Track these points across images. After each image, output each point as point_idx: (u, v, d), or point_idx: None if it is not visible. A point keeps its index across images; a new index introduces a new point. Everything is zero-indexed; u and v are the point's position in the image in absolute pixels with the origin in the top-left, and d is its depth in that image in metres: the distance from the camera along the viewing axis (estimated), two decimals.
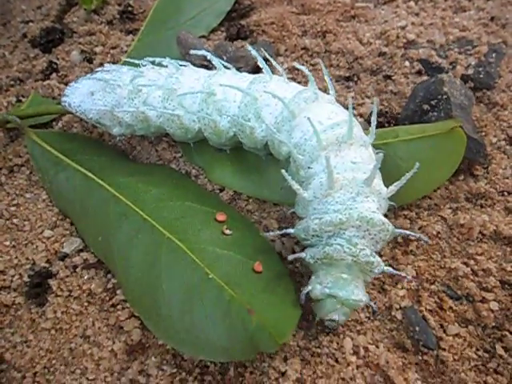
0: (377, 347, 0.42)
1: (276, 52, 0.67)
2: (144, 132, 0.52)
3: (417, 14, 0.71)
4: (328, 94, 0.46)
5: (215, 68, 0.51)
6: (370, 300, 0.39)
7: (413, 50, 0.64)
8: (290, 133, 0.43)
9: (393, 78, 0.62)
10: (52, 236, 0.51)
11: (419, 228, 0.49)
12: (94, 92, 0.52)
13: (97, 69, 0.55)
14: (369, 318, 0.44)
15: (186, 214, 0.47)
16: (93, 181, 0.51)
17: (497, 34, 0.66)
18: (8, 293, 0.47)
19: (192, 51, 0.51)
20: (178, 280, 0.41)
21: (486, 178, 0.52)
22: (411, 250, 0.48)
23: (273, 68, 0.60)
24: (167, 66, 0.52)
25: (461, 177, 0.52)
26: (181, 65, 0.52)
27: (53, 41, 0.72)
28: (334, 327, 0.40)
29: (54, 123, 0.62)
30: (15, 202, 0.55)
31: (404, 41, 0.65)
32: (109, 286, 0.47)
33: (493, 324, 0.43)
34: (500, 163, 0.53)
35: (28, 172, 0.58)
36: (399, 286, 0.45)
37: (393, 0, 0.73)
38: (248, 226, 0.49)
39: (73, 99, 0.53)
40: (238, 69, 0.58)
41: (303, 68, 0.47)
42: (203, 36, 0.69)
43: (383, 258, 0.47)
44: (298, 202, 0.42)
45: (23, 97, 0.66)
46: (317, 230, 0.38)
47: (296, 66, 0.48)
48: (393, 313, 0.44)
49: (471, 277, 0.45)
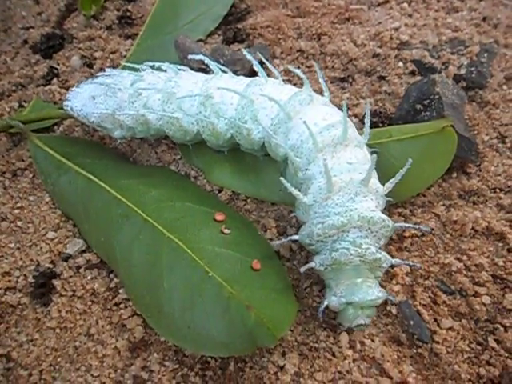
0: (372, 341, 0.43)
1: (272, 54, 0.68)
2: (144, 135, 0.53)
3: (410, 16, 0.72)
4: (322, 96, 0.48)
5: (213, 72, 0.52)
6: (388, 294, 0.40)
7: (406, 51, 0.65)
8: (287, 135, 0.44)
9: (387, 79, 0.63)
10: (55, 237, 0.53)
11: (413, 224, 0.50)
12: (96, 96, 0.53)
13: (98, 73, 0.56)
14: None
15: (186, 215, 0.48)
16: (95, 183, 0.52)
17: (489, 34, 0.67)
18: (13, 293, 0.49)
19: (190, 56, 0.53)
20: (179, 278, 0.43)
21: (479, 176, 0.53)
22: (405, 247, 0.49)
23: (268, 70, 0.61)
24: (166, 71, 0.53)
25: (454, 174, 0.53)
26: (179, 69, 0.53)
27: (53, 46, 0.74)
28: (364, 329, 0.41)
29: (56, 127, 0.63)
30: (19, 205, 0.56)
31: (397, 42, 0.67)
32: (111, 286, 0.49)
33: (485, 317, 0.44)
34: (492, 161, 0.54)
35: (31, 175, 0.59)
36: (394, 282, 0.46)
37: (386, 2, 0.74)
38: (246, 226, 0.50)
39: (75, 103, 0.54)
40: (235, 71, 0.59)
41: (298, 71, 0.48)
42: (201, 40, 0.70)
43: None
44: (299, 207, 0.43)
45: (25, 102, 0.67)
46: (321, 235, 0.39)
47: (290, 69, 0.49)
48: (388, 307, 0.45)
49: (464, 272, 0.46)
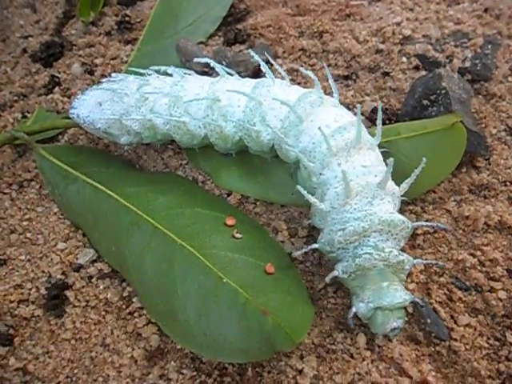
0: (390, 341, 0.43)
1: (274, 54, 0.68)
2: (151, 140, 0.53)
3: (411, 10, 0.71)
4: (330, 96, 0.47)
5: (217, 74, 0.52)
6: (414, 296, 0.39)
7: (409, 46, 0.65)
8: (298, 137, 0.44)
9: (391, 75, 0.63)
10: (66, 248, 0.52)
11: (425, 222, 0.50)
12: (102, 102, 0.52)
13: (103, 79, 0.56)
14: None
15: (196, 220, 0.48)
16: (102, 192, 0.52)
17: (491, 25, 0.67)
18: (27, 306, 0.48)
19: (196, 59, 0.53)
20: (193, 285, 0.43)
21: (488, 170, 0.53)
22: (418, 244, 0.48)
23: (273, 71, 0.61)
24: (172, 75, 0.53)
25: (463, 169, 0.53)
26: (185, 73, 0.53)
27: (53, 55, 0.73)
28: (398, 333, 0.40)
29: (60, 137, 0.63)
30: (27, 217, 0.56)
31: (400, 37, 0.66)
32: (125, 295, 0.48)
33: (502, 312, 0.44)
34: (501, 154, 0.54)
35: (38, 186, 0.59)
36: (409, 280, 0.46)
37: None
38: (257, 229, 0.50)
39: (81, 110, 0.54)
40: (239, 73, 0.59)
41: (309, 73, 0.48)
42: (201, 42, 0.69)
43: None
44: (315, 213, 0.42)
45: (28, 112, 0.67)
46: (342, 242, 0.39)
47: (302, 71, 0.49)
48: None
49: (478, 267, 0.46)
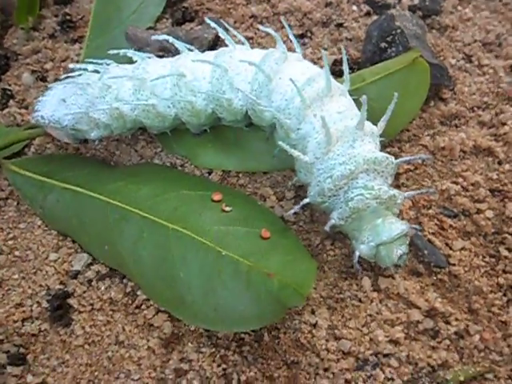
0: (393, 278, 0.44)
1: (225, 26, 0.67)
2: (120, 130, 0.52)
3: None
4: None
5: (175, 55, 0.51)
6: (410, 225, 0.40)
7: None
8: (270, 97, 0.44)
9: (345, 25, 0.63)
10: (58, 258, 0.52)
11: None
12: (66, 98, 0.51)
13: (61, 76, 0.54)
14: None
15: (183, 203, 0.48)
16: (83, 195, 0.51)
17: None
18: (32, 322, 0.48)
19: (153, 37, 0.52)
20: (194, 265, 0.43)
21: (455, 99, 0.54)
22: (402, 183, 0.50)
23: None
24: (132, 59, 0.52)
25: (431, 103, 0.54)
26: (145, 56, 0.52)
27: None
28: (406, 260, 0.40)
29: (27, 149, 0.61)
30: (11, 236, 0.54)
31: None
32: (128, 290, 0.48)
33: (492, 230, 0.45)
34: (464, 82, 0.55)
35: (15, 203, 0.57)
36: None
37: None
38: (245, 199, 0.50)
39: (44, 111, 0.52)
40: None
41: (269, 29, 0.48)
42: (150, 28, 0.68)
43: None
44: (300, 169, 0.43)
45: None
46: (332, 189, 0.39)
47: (261, 28, 0.49)
48: None
49: (463, 193, 0.48)
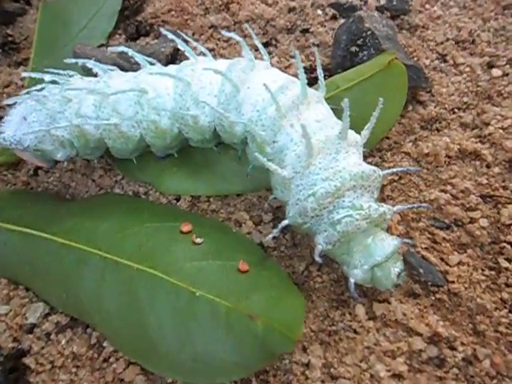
0: (389, 303, 0.40)
1: (183, 38, 0.62)
2: (84, 151, 0.46)
3: None
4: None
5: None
6: (401, 239, 0.37)
7: None
8: (239, 110, 0.39)
9: (310, 31, 0.60)
10: (10, 311, 0.45)
11: None
12: (27, 115, 0.45)
13: (22, 91, 0.48)
14: None
15: (149, 237, 0.42)
16: (33, 236, 0.45)
17: None
18: None
19: (110, 48, 0.47)
20: (165, 310, 0.37)
21: (433, 101, 0.51)
22: (388, 196, 0.46)
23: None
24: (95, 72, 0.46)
25: (409, 107, 0.51)
26: (108, 69, 0.47)
27: None
28: (404, 279, 0.37)
29: None
30: None
31: None
32: (93, 342, 0.42)
33: (488, 240, 0.42)
34: (441, 82, 0.52)
35: None
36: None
37: None
38: (217, 227, 0.45)
39: (7, 132, 0.45)
40: None
41: (233, 34, 0.44)
42: (102, 45, 0.62)
43: None
44: (276, 185, 0.38)
45: None
46: (316, 208, 0.35)
47: (224, 34, 0.45)
48: None
49: (453, 202, 0.44)
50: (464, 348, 0.37)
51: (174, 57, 0.58)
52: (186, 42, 0.47)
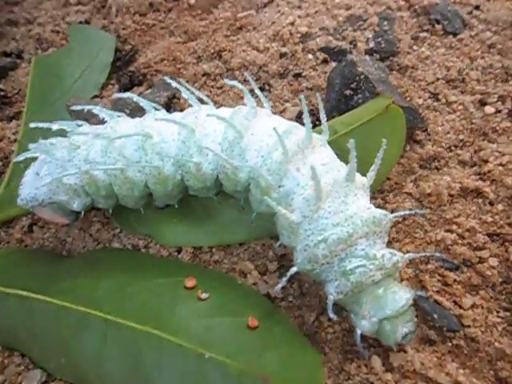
0: (405, 352, 0.38)
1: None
2: (97, 199, 0.45)
3: (299, 7, 0.70)
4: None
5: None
6: (414, 291, 0.36)
7: (310, 42, 0.63)
8: (243, 156, 0.39)
9: (303, 75, 0.60)
10: (5, 380, 0.42)
11: (391, 212, 0.46)
12: (39, 171, 0.44)
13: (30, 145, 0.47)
14: None
15: (152, 295, 0.41)
16: (30, 299, 0.42)
17: (379, 3, 0.67)
18: None
19: (116, 94, 0.47)
20: (173, 374, 0.35)
21: (430, 140, 0.51)
22: (393, 238, 0.45)
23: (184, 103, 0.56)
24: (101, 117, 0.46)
25: (407, 147, 0.51)
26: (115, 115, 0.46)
27: None
28: (412, 339, 0.35)
29: None
30: None
31: (298, 35, 0.64)
32: None
33: (500, 280, 0.41)
34: (436, 121, 0.52)
35: None
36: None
37: (271, 1, 0.72)
38: (222, 280, 0.44)
39: (24, 192, 0.45)
40: None
41: (235, 83, 0.44)
42: (96, 96, 0.62)
43: None
44: (283, 230, 0.37)
45: None
46: (327, 256, 0.34)
47: (227, 82, 0.45)
48: None
49: (460, 241, 0.44)
50: None
51: (169, 106, 0.58)
52: (182, 89, 0.47)
